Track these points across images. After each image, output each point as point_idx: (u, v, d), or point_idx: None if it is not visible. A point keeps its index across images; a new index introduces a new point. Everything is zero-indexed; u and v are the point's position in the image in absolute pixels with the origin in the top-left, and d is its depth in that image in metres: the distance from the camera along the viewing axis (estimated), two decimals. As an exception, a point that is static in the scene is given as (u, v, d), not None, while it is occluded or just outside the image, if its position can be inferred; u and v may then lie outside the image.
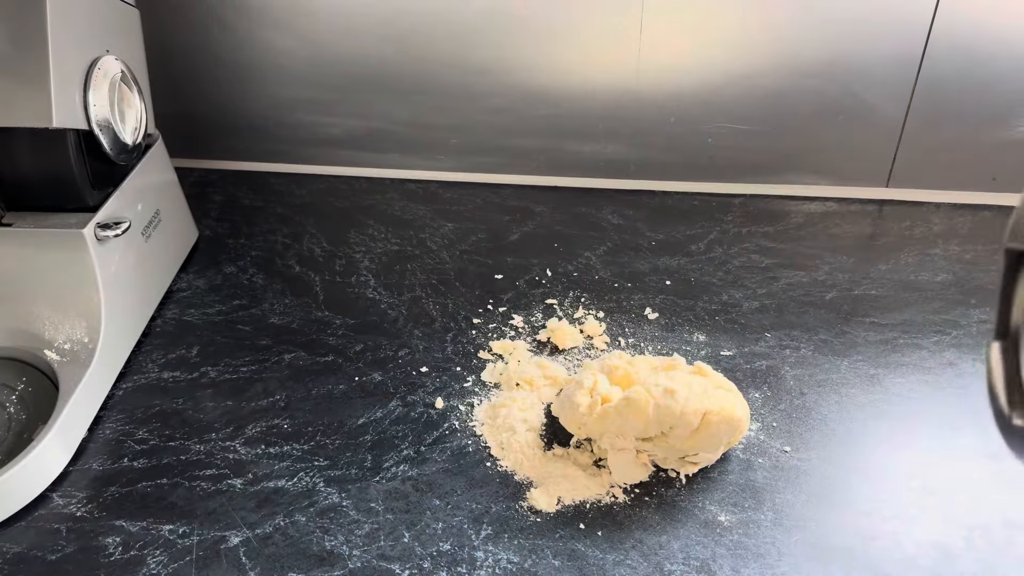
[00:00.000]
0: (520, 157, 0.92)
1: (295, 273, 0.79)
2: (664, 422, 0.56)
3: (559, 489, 0.57)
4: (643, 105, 0.86)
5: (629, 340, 0.70)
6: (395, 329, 0.72)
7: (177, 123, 0.86)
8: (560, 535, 0.54)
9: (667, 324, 0.72)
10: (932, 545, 0.53)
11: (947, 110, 0.83)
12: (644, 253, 0.81)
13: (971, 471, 0.58)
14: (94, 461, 0.60)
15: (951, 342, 0.69)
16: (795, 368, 0.67)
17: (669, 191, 0.90)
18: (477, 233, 0.85)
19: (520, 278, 0.78)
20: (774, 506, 0.56)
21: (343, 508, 0.56)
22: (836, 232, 0.83)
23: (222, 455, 0.60)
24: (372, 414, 0.63)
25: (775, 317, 0.72)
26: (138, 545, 0.54)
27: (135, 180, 0.72)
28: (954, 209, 0.86)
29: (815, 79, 0.83)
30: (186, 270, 0.79)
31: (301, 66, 0.88)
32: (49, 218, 0.65)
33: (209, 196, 0.91)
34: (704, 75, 0.84)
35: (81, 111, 0.64)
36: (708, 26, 0.81)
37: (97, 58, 0.66)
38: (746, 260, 0.80)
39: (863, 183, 0.89)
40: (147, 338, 0.71)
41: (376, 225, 0.86)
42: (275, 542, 0.54)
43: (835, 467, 0.58)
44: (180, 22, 0.87)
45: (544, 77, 0.86)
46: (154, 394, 0.66)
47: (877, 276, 0.77)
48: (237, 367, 0.68)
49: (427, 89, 0.88)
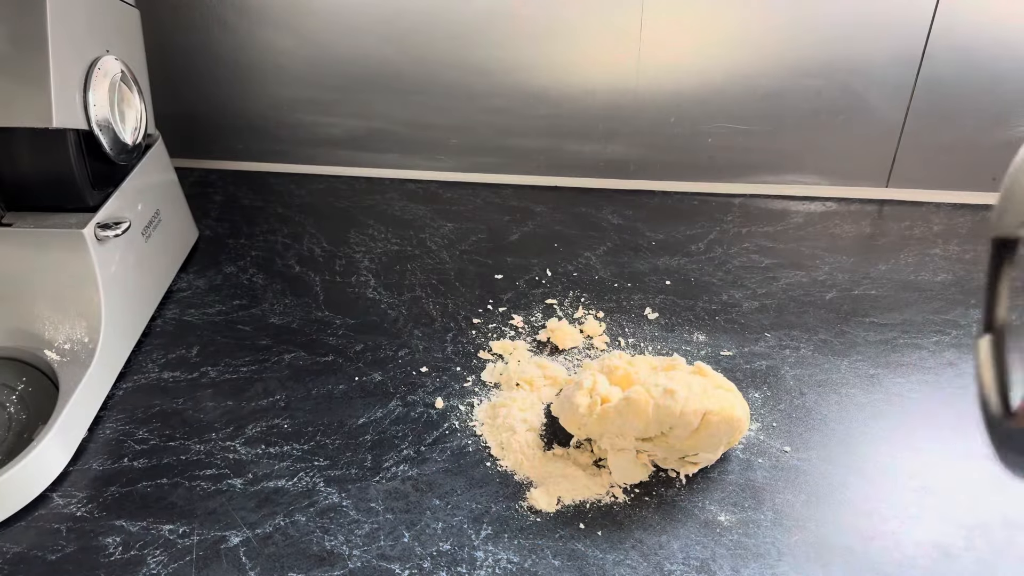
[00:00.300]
0: (520, 157, 0.92)
1: (295, 273, 0.79)
2: (664, 422, 0.56)
3: (559, 489, 0.57)
4: (643, 105, 0.86)
5: (629, 340, 0.70)
6: (395, 329, 0.72)
7: (177, 123, 0.86)
8: (560, 535, 0.54)
9: (667, 324, 0.72)
10: (932, 545, 0.53)
11: (947, 110, 0.83)
12: (644, 253, 0.81)
13: (971, 471, 0.58)
14: (94, 461, 0.60)
15: (951, 342, 0.69)
16: (795, 368, 0.67)
17: (669, 191, 0.90)
18: (477, 233, 0.85)
19: (520, 278, 0.78)
20: (774, 506, 0.56)
21: (343, 508, 0.56)
22: (836, 232, 0.83)
23: (222, 455, 0.60)
24: (372, 414, 0.63)
25: (775, 317, 0.72)
26: (138, 545, 0.54)
27: (135, 180, 0.72)
28: (954, 209, 0.86)
29: (815, 79, 0.83)
30: (186, 270, 0.79)
31: (301, 66, 0.88)
32: (49, 218, 0.65)
33: (209, 196, 0.91)
34: (704, 75, 0.84)
35: (81, 111, 0.64)
36: (708, 26, 0.81)
37: (97, 58, 0.66)
38: (746, 260, 0.80)
39: (863, 183, 0.89)
40: (147, 338, 0.71)
41: (376, 225, 0.86)
42: (275, 542, 0.54)
43: (835, 467, 0.58)
44: (180, 22, 0.87)
45: (544, 77, 0.86)
46: (154, 394, 0.66)
47: (877, 276, 0.77)
48: (237, 367, 0.68)
49: (427, 89, 0.88)
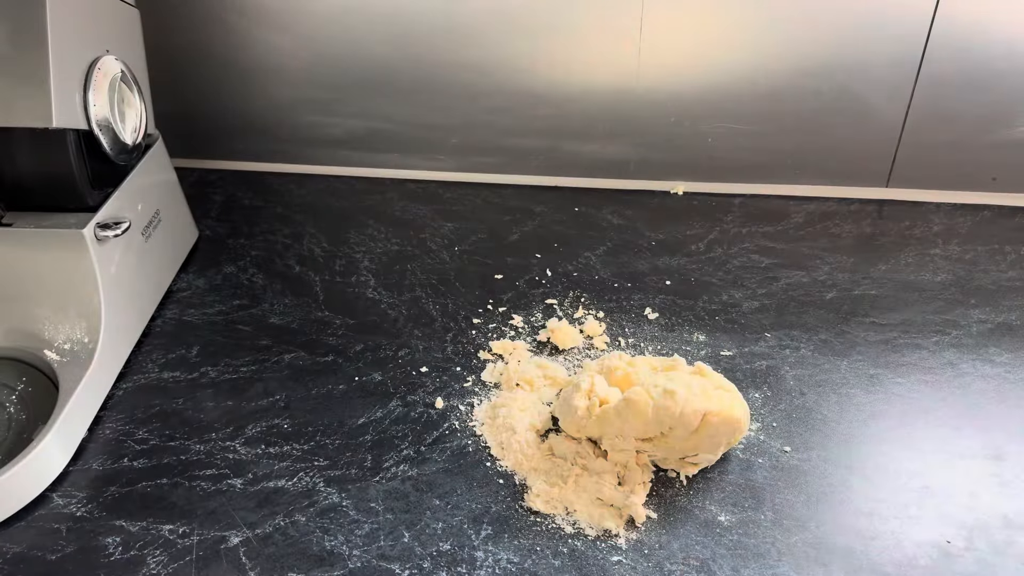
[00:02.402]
0: (520, 157, 0.92)
1: (295, 273, 0.79)
2: (663, 423, 0.56)
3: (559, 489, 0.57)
4: (643, 105, 0.86)
5: (629, 340, 0.70)
6: (395, 329, 0.72)
7: (177, 123, 0.85)
8: (560, 535, 0.54)
9: (667, 324, 0.72)
10: (932, 545, 0.53)
11: (947, 110, 0.83)
12: (644, 253, 0.81)
13: (971, 471, 0.58)
14: (94, 461, 0.60)
15: (951, 342, 0.69)
16: (795, 368, 0.67)
17: (669, 191, 0.90)
18: (477, 233, 0.85)
19: (520, 278, 0.78)
20: (774, 506, 0.56)
21: (343, 508, 0.56)
22: (836, 232, 0.83)
23: (222, 455, 0.60)
24: (372, 414, 0.63)
25: (775, 317, 0.72)
26: (138, 545, 0.54)
27: (135, 180, 0.72)
28: (954, 209, 0.86)
29: (815, 79, 0.83)
30: (186, 270, 0.79)
31: (301, 66, 0.88)
32: (49, 218, 0.65)
33: (209, 196, 0.91)
34: (704, 75, 0.84)
35: (81, 111, 0.64)
36: (708, 26, 0.81)
37: (97, 58, 0.66)
38: (746, 260, 0.80)
39: (863, 183, 0.89)
40: (147, 338, 0.71)
41: (376, 225, 0.86)
42: (275, 542, 0.54)
43: (835, 467, 0.58)
44: (180, 22, 0.87)
45: (544, 77, 0.86)
46: (154, 394, 0.66)
47: (877, 276, 0.77)
48: (237, 367, 0.68)
49: (427, 89, 0.88)
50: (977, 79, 0.80)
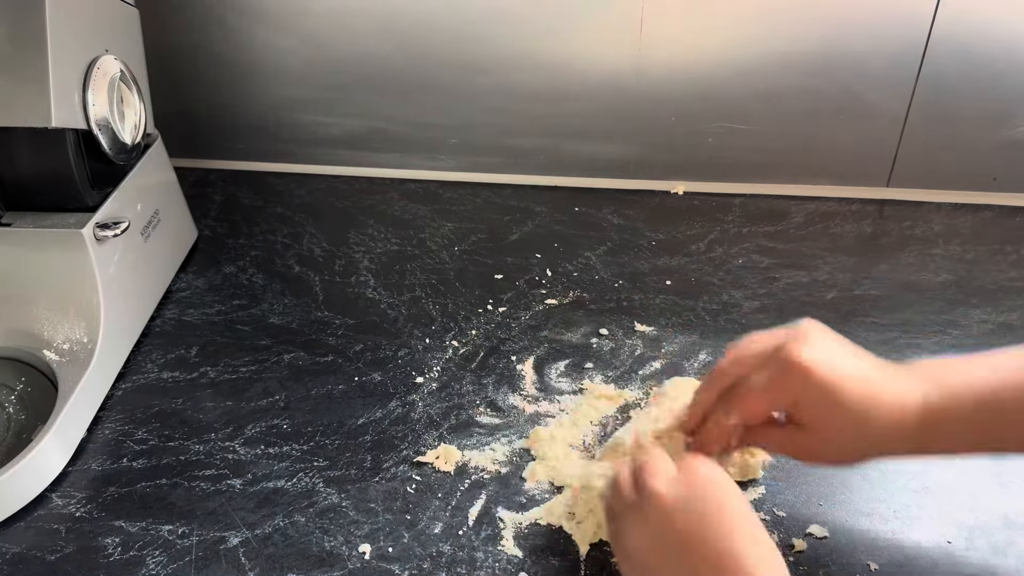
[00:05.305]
0: (520, 157, 0.92)
1: (295, 273, 0.79)
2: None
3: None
4: (643, 105, 0.86)
5: (628, 341, 0.70)
6: (395, 329, 0.72)
7: (177, 123, 0.85)
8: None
9: (667, 324, 0.72)
10: (932, 545, 0.53)
11: (948, 110, 0.83)
12: (644, 253, 0.81)
13: (971, 471, 0.58)
14: (93, 461, 0.60)
15: (951, 342, 0.69)
16: (795, 368, 0.67)
17: (669, 191, 0.90)
18: (477, 233, 0.85)
19: (520, 278, 0.78)
20: (774, 506, 0.55)
21: (343, 508, 0.56)
22: (836, 232, 0.83)
23: (221, 455, 0.60)
24: (372, 414, 0.63)
25: (775, 317, 0.72)
26: (137, 545, 0.54)
27: (134, 180, 0.72)
28: (954, 209, 0.86)
29: (815, 78, 0.83)
30: (185, 270, 0.79)
31: (301, 66, 0.88)
32: (48, 218, 0.65)
33: (209, 196, 0.91)
34: (704, 74, 0.84)
35: (80, 111, 0.63)
36: (708, 26, 0.81)
37: (96, 58, 0.65)
38: (746, 260, 0.80)
39: (863, 183, 0.89)
40: (146, 338, 0.71)
41: (376, 225, 0.86)
42: (274, 542, 0.54)
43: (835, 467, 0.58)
44: (180, 22, 0.87)
45: (544, 76, 0.86)
46: (153, 394, 0.65)
47: (877, 276, 0.77)
48: (237, 367, 0.68)
49: (427, 89, 0.88)
50: (978, 79, 0.80)
